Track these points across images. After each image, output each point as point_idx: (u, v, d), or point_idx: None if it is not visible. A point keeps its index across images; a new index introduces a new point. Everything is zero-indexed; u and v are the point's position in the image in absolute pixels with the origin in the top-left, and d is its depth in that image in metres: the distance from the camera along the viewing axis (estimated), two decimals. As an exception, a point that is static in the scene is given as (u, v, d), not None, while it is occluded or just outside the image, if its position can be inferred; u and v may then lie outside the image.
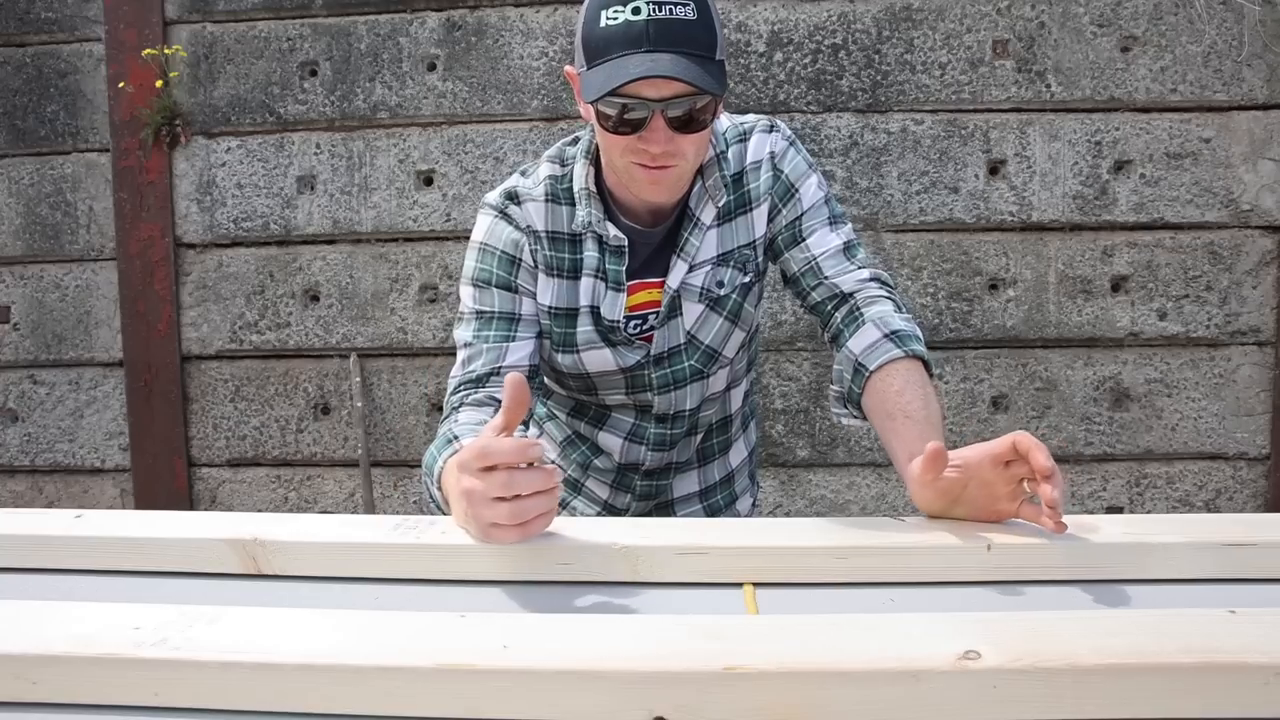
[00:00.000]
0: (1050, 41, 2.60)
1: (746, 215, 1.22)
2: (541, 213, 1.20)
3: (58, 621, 0.69)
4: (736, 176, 1.22)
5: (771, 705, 0.61)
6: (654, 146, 1.05)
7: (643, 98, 1.03)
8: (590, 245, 1.20)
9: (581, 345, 1.22)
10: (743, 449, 1.43)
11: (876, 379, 1.10)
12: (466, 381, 1.16)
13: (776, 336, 2.71)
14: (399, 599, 0.86)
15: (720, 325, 1.24)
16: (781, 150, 1.22)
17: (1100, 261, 2.65)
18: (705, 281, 1.21)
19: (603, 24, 1.03)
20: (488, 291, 1.19)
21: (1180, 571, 0.86)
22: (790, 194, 1.21)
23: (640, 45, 1.01)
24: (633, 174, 1.11)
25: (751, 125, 1.24)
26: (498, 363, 1.16)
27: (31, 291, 2.89)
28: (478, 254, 1.21)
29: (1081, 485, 2.72)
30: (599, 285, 1.20)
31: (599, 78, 1.03)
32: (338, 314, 2.80)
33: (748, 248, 1.23)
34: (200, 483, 2.90)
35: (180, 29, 2.77)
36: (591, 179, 1.20)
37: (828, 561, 0.87)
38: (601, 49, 1.03)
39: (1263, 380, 2.66)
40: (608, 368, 1.23)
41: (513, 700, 0.62)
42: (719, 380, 1.29)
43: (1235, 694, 0.61)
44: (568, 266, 1.21)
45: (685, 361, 1.24)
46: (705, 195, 1.20)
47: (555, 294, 1.21)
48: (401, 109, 2.73)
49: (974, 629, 0.66)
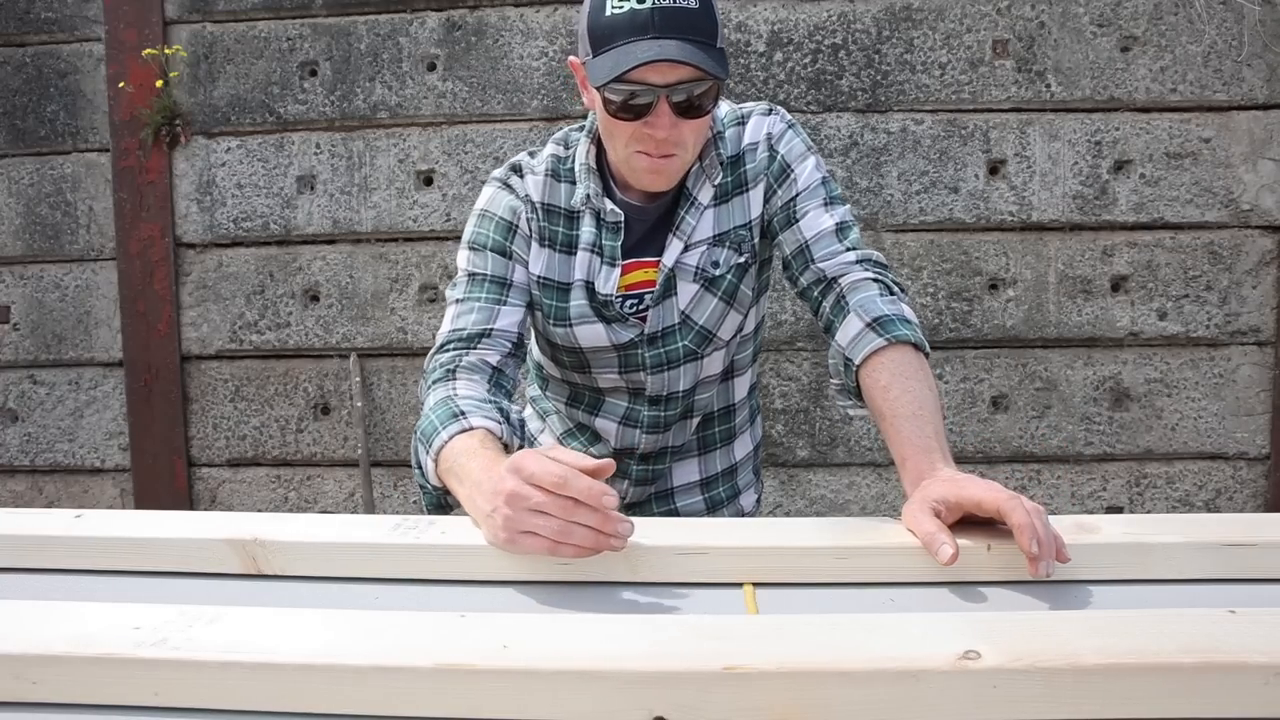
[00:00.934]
0: (1050, 41, 2.60)
1: (743, 196, 1.24)
2: (540, 186, 1.24)
3: (58, 621, 0.69)
4: (734, 158, 1.23)
5: (771, 705, 0.61)
6: (659, 131, 1.08)
7: (649, 83, 1.06)
8: (587, 221, 1.22)
9: (575, 319, 1.23)
10: (748, 442, 1.43)
11: (864, 374, 1.10)
12: (456, 340, 1.17)
13: (776, 336, 2.71)
14: (399, 599, 0.85)
15: (715, 306, 1.25)
16: (779, 132, 1.24)
17: (1100, 261, 2.65)
18: (700, 261, 1.23)
19: (608, 12, 1.06)
20: (482, 254, 1.21)
21: (1180, 571, 0.86)
22: (785, 174, 1.22)
23: (646, 32, 1.04)
24: (634, 163, 1.13)
25: (750, 109, 1.26)
26: (488, 324, 1.18)
27: (31, 291, 2.89)
28: (477, 219, 1.24)
29: (1081, 485, 2.72)
30: (594, 260, 1.22)
31: (606, 64, 1.06)
32: (338, 314, 2.80)
33: (744, 228, 1.24)
34: (200, 483, 2.90)
35: (180, 29, 2.77)
36: (593, 156, 1.23)
37: (828, 561, 0.87)
38: (607, 36, 1.06)
39: (1263, 380, 2.66)
40: (600, 343, 1.24)
41: (513, 700, 0.62)
42: (714, 362, 1.30)
43: (1235, 694, 0.61)
44: (561, 240, 1.23)
45: (679, 341, 1.25)
46: (702, 174, 1.22)
47: (545, 265, 1.23)
48: (401, 109, 2.73)
49: (974, 629, 0.66)
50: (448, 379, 1.13)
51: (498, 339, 1.18)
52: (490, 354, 1.16)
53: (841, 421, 2.72)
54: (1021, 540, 0.81)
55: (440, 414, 1.06)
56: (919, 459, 0.98)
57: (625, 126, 1.10)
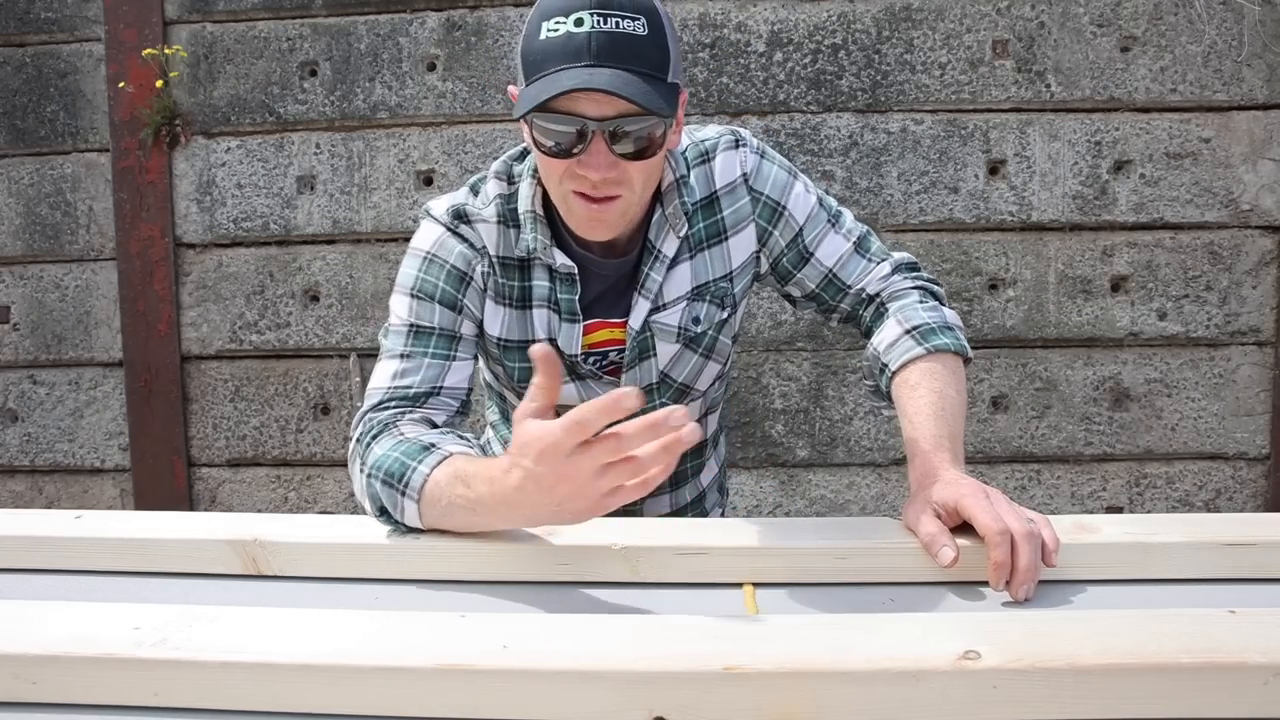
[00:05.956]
0: (1050, 41, 2.60)
1: (721, 245, 1.13)
2: (494, 235, 1.10)
3: (58, 621, 0.69)
4: (705, 203, 1.11)
5: (771, 705, 0.61)
6: (593, 173, 0.95)
7: (581, 115, 0.93)
8: (540, 273, 1.10)
9: None
10: (714, 467, 1.37)
11: (898, 380, 1.07)
12: (399, 398, 1.03)
13: (776, 336, 2.71)
14: (399, 599, 0.86)
15: (694, 362, 1.16)
16: (754, 167, 1.13)
17: (1100, 261, 2.65)
18: (681, 320, 1.12)
19: (542, 36, 0.94)
20: (429, 306, 1.08)
21: (1180, 571, 0.86)
22: (777, 213, 1.13)
23: (580, 59, 0.92)
24: (571, 205, 1.01)
25: (714, 142, 1.13)
26: (436, 381, 1.05)
27: (31, 291, 2.89)
28: (423, 264, 1.10)
29: (1081, 485, 2.72)
30: (553, 317, 1.11)
31: (532, 93, 0.94)
32: (338, 314, 2.80)
33: (724, 280, 1.14)
34: (200, 483, 2.90)
35: (180, 29, 2.77)
36: (538, 200, 1.09)
37: (828, 561, 0.87)
38: (539, 63, 0.94)
39: (1263, 380, 2.66)
40: (571, 402, 1.12)
41: (513, 700, 0.62)
42: (691, 412, 1.21)
43: (1235, 694, 0.62)
44: (517, 295, 1.11)
45: (656, 399, 1.16)
46: (665, 225, 1.10)
47: (505, 325, 1.11)
48: (401, 109, 2.73)
49: (974, 629, 0.66)
50: (389, 431, 0.99)
51: (446, 398, 1.05)
52: (437, 414, 1.04)
53: (841, 421, 2.72)
54: (990, 576, 0.82)
55: (405, 450, 0.94)
56: (926, 456, 0.97)
57: (556, 164, 0.97)
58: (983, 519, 0.84)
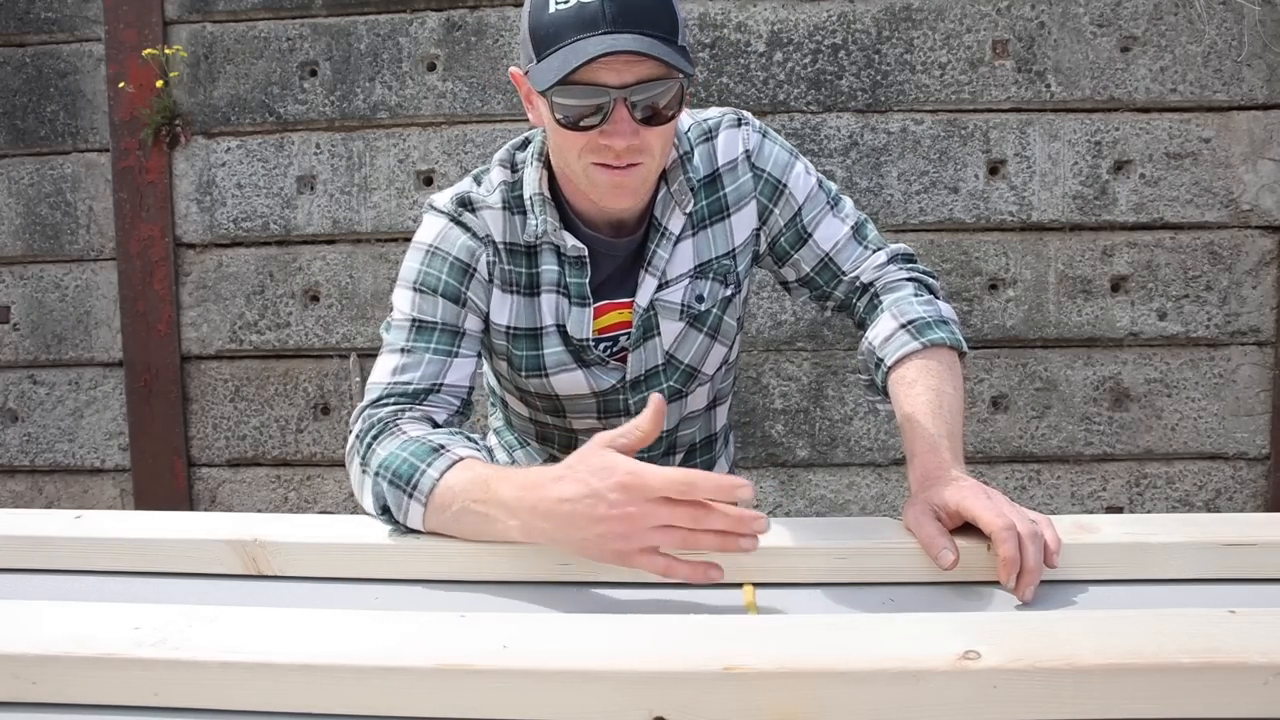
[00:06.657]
0: (1050, 41, 2.60)
1: (724, 222, 1.13)
2: (499, 222, 1.09)
3: (58, 621, 0.69)
4: (708, 180, 1.12)
5: (771, 705, 0.61)
6: (618, 141, 0.94)
7: (603, 84, 0.92)
8: (548, 257, 1.09)
9: (551, 369, 1.12)
10: (724, 465, 1.37)
11: (893, 376, 1.07)
12: (399, 394, 1.03)
13: (776, 336, 2.71)
14: (399, 599, 0.86)
15: (700, 341, 1.16)
16: (756, 145, 1.12)
17: (1100, 261, 2.65)
18: (684, 297, 1.12)
19: (551, 10, 0.93)
20: (432, 300, 1.06)
21: (1180, 571, 0.86)
22: (778, 191, 1.13)
23: (597, 27, 0.91)
24: (593, 178, 0.99)
25: (717, 121, 1.13)
26: (438, 378, 1.04)
27: (31, 291, 2.89)
28: (426, 257, 1.08)
29: (1081, 485, 2.72)
30: (562, 301, 1.10)
31: (553, 65, 0.92)
32: (338, 314, 2.80)
33: (727, 257, 1.13)
34: (200, 483, 2.90)
35: (180, 29, 2.77)
36: (545, 184, 1.08)
37: (828, 561, 0.87)
38: (552, 36, 0.93)
39: (1263, 380, 2.66)
40: (580, 391, 1.14)
41: (513, 700, 0.62)
42: (698, 398, 1.22)
43: (1235, 694, 0.62)
44: (525, 282, 1.10)
45: (664, 382, 1.16)
46: (671, 201, 1.09)
47: (514, 313, 1.10)
48: (401, 109, 2.73)
49: (974, 629, 0.66)
50: (390, 431, 0.98)
51: (447, 395, 1.05)
52: (438, 411, 1.03)
53: (841, 421, 2.72)
54: (1000, 573, 0.82)
55: (414, 451, 0.93)
56: (926, 456, 0.97)
57: (577, 138, 0.96)
58: (987, 517, 0.84)
